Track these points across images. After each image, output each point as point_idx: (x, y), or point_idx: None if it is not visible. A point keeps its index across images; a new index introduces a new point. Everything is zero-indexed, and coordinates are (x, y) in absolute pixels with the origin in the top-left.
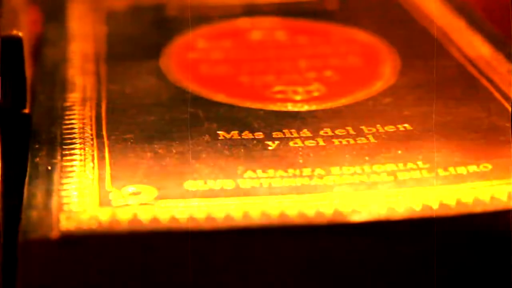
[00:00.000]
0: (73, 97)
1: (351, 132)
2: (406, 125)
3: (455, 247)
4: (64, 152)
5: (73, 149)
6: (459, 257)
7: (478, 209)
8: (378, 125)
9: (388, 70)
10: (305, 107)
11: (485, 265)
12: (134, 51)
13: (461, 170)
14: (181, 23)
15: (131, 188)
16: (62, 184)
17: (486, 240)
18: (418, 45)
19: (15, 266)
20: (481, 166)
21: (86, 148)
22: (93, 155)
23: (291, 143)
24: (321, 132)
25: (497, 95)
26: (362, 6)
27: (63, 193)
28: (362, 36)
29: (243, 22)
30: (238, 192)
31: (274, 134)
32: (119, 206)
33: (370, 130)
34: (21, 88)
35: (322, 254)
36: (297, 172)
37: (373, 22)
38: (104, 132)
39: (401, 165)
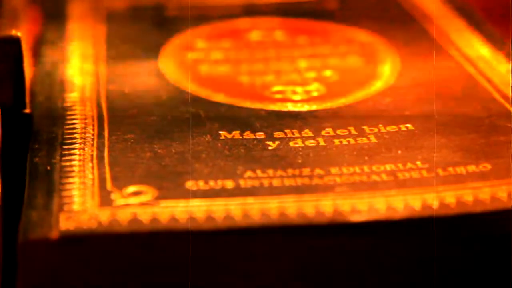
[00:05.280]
0: (73, 97)
1: (353, 132)
2: (408, 125)
3: (455, 247)
4: (63, 152)
5: (73, 149)
6: (459, 257)
7: (478, 209)
8: (380, 125)
9: (388, 70)
10: (306, 107)
11: (485, 265)
12: (134, 51)
13: (461, 170)
14: (181, 23)
15: (131, 188)
16: (62, 184)
17: (486, 240)
18: (418, 45)
19: (15, 266)
20: (480, 166)
21: (86, 148)
22: (92, 155)
23: (291, 143)
24: (323, 132)
25: (497, 95)
26: (362, 6)
27: (63, 193)
28: (362, 36)
29: (243, 22)
30: (238, 192)
31: (276, 134)
32: (119, 206)
33: (372, 130)
34: (21, 88)
35: (322, 254)
36: (297, 172)
37: (373, 22)
38: (105, 132)
39: (400, 165)
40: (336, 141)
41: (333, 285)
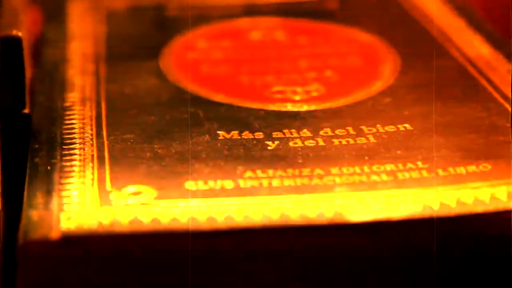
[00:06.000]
0: (73, 97)
1: (351, 132)
2: (406, 125)
3: (455, 247)
4: (63, 152)
5: (73, 149)
6: (459, 257)
7: (478, 209)
8: (378, 125)
9: (388, 70)
10: (305, 107)
11: (485, 265)
12: (134, 51)
13: (461, 170)
14: (181, 23)
15: (131, 188)
16: (62, 184)
17: (486, 240)
18: (418, 45)
19: (15, 266)
20: (480, 166)
21: (86, 148)
22: (92, 155)
23: (291, 143)
24: (321, 132)
25: (497, 95)
26: (362, 6)
27: (63, 193)
28: (362, 36)
29: (243, 22)
30: (238, 192)
31: (274, 134)
32: (119, 206)
33: (371, 130)
34: (21, 88)
35: (323, 254)
36: (297, 172)
37: (373, 22)
38: (104, 132)
39: (400, 165)
40: (335, 141)
41: (333, 285)
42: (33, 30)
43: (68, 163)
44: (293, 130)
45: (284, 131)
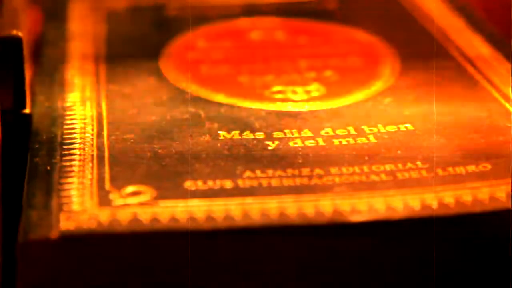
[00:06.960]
0: (73, 97)
1: (352, 132)
2: (407, 125)
3: (454, 247)
4: (63, 152)
5: (73, 149)
6: (458, 257)
7: (478, 209)
8: (379, 125)
9: (388, 70)
10: (306, 107)
11: (485, 265)
12: (134, 51)
13: (460, 170)
14: (181, 23)
15: (130, 188)
16: (61, 184)
17: (485, 240)
18: (418, 45)
19: (15, 266)
20: (480, 166)
21: (86, 148)
22: (92, 155)
23: (291, 143)
24: (322, 132)
25: (497, 95)
26: (362, 6)
27: (62, 193)
28: (362, 36)
29: (243, 22)
30: (237, 192)
31: (275, 134)
32: (119, 206)
33: (372, 130)
34: (21, 88)
35: (322, 254)
36: (296, 172)
37: (373, 22)
38: (105, 132)
39: (400, 165)
40: (336, 141)
41: (333, 285)
42: (33, 30)
43: (67, 163)
44: (294, 130)
45: (285, 131)
